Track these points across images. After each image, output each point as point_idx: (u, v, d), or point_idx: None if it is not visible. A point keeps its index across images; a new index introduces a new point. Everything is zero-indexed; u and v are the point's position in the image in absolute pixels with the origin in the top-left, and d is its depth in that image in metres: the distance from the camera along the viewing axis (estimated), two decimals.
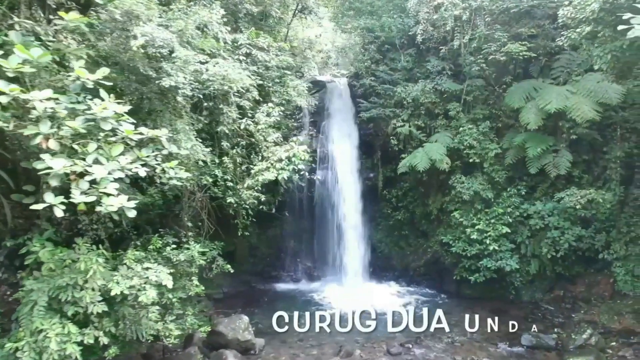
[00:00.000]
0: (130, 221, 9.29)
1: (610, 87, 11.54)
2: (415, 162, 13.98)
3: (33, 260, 6.39)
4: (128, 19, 6.39)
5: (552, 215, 13.05)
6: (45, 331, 5.78)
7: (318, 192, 17.23)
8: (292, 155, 9.20)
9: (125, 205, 5.31)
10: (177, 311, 8.47)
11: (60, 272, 6.25)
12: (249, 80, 8.66)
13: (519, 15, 12.92)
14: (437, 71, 15.13)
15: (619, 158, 12.40)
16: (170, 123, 7.39)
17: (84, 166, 5.03)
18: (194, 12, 8.14)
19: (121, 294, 6.74)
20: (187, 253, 8.30)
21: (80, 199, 4.86)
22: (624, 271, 11.96)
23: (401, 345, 11.45)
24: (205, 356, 10.51)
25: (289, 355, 11.07)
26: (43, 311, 5.88)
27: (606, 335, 11.10)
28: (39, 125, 4.93)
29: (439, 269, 16.08)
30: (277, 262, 17.55)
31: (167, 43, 6.96)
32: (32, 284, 6.00)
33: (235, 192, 9.89)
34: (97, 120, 5.35)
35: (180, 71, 7.18)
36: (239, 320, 11.04)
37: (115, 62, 7.56)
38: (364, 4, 17.42)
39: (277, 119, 9.66)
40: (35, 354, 5.76)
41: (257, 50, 10.19)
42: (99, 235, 7.59)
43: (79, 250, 6.69)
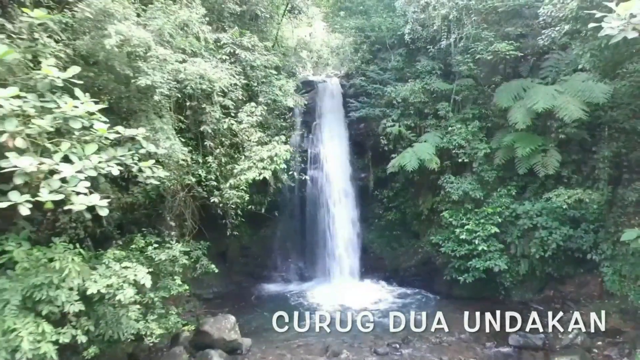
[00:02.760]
0: (115, 220, 9.32)
1: (596, 87, 11.53)
2: (404, 162, 13.97)
3: (7, 259, 6.37)
4: (102, 17, 6.38)
5: (540, 215, 13.01)
6: (18, 330, 5.76)
7: (309, 192, 17.22)
8: (275, 155, 9.18)
9: (97, 204, 5.30)
10: (159, 310, 8.45)
11: (35, 271, 6.24)
12: (229, 79, 8.64)
13: (508, 15, 12.92)
14: (427, 71, 15.13)
15: (608, 158, 12.36)
16: (149, 122, 7.38)
17: (52, 164, 5.01)
18: (174, 11, 8.13)
19: (98, 293, 6.73)
20: (168, 252, 8.30)
21: (48, 197, 4.84)
22: (612, 271, 11.91)
23: (388, 345, 11.43)
24: (191, 356, 10.50)
25: (276, 355, 11.04)
26: (16, 310, 5.87)
27: (593, 336, 11.06)
28: (4, 123, 4.91)
29: (430, 269, 16.04)
30: (268, 263, 17.53)
31: (143, 42, 6.95)
32: (4, 283, 5.97)
33: (220, 192, 9.88)
34: (67, 119, 5.33)
35: (158, 70, 7.17)
36: (225, 320, 11.02)
37: (95, 62, 7.57)
38: (354, 3, 17.45)
39: (259, 119, 9.64)
40: (7, 353, 5.74)
41: (241, 49, 10.18)
42: (78, 234, 7.57)
43: (56, 249, 6.67)
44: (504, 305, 14.02)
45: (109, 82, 7.47)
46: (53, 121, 5.26)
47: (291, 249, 17.77)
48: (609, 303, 12.01)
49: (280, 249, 17.72)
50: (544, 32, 10.59)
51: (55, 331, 6.24)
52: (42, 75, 5.38)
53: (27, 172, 4.80)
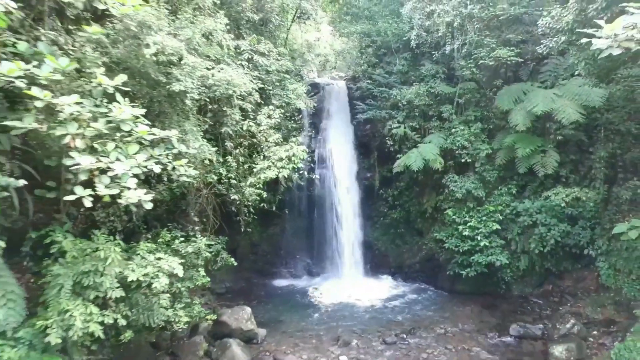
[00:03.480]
0: (140, 216, 9.95)
1: (593, 91, 12.18)
2: (409, 162, 14.61)
3: (57, 249, 7.00)
4: (141, 29, 7.00)
5: (540, 213, 13.65)
6: (71, 311, 6.39)
7: (317, 191, 17.84)
8: (292, 155, 9.82)
9: (143, 198, 5.93)
10: (185, 300, 9.07)
11: (82, 260, 6.87)
12: (251, 84, 9.27)
13: (509, 22, 13.56)
14: (431, 75, 15.78)
15: (603, 158, 13.01)
16: (179, 124, 8.01)
17: (108, 163, 5.64)
18: (200, 21, 8.77)
19: (136, 281, 7.36)
20: (194, 245, 8.91)
21: (105, 191, 5.47)
22: (607, 265, 12.53)
23: (396, 336, 12.05)
24: (210, 345, 11.11)
25: (290, 344, 11.66)
26: (69, 294, 6.50)
27: (589, 326, 11.73)
28: (67, 126, 5.54)
29: (433, 265, 16.68)
30: (276, 259, 18.15)
31: (177, 51, 7.58)
32: (58, 269, 6.61)
33: (239, 190, 10.50)
34: (117, 122, 5.96)
35: (188, 76, 7.80)
36: (242, 311, 11.66)
37: (126, 68, 8.18)
38: (360, 9, 18.08)
39: (277, 121, 10.27)
40: (63, 331, 6.38)
41: (258, 55, 10.81)
42: (115, 227, 8.19)
43: (98, 240, 7.30)
44: (505, 299, 14.73)
45: (142, 87, 8.08)
46: (106, 124, 5.88)
47: (299, 246, 18.38)
48: (605, 296, 12.66)
49: (288, 246, 18.33)
50: (542, 42, 11.24)
51: (100, 313, 6.86)
52: (95, 83, 6.00)
53: (86, 169, 5.42)
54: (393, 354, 11.16)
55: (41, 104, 5.28)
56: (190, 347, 10.78)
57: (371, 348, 11.47)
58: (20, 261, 7.89)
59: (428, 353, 11.18)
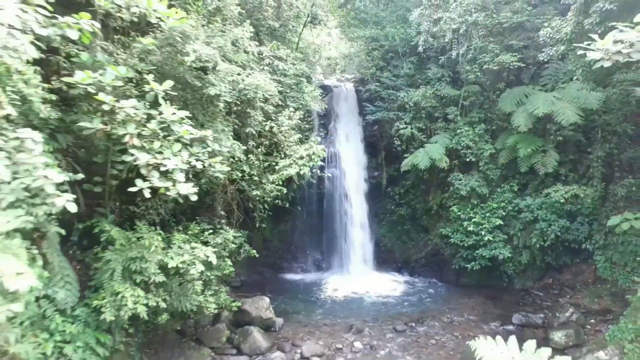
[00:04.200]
0: (169, 210, 10.69)
1: (590, 95, 12.95)
2: (417, 162, 15.37)
3: (106, 238, 7.73)
4: (182, 38, 7.73)
5: (540, 209, 14.41)
6: (122, 293, 7.13)
7: (326, 189, 18.57)
8: (312, 153, 10.56)
9: (190, 191, 6.67)
10: (214, 287, 9.80)
11: (129, 247, 7.60)
12: (275, 88, 10.02)
13: (511, 29, 14.32)
14: (437, 78, 16.53)
15: (601, 158, 13.78)
16: (212, 125, 8.74)
17: (161, 159, 6.38)
18: (229, 30, 9.50)
19: (175, 268, 8.08)
20: (222, 236, 9.64)
21: (161, 184, 6.21)
22: (604, 259, 13.29)
23: (405, 324, 12.79)
24: (232, 332, 11.84)
25: (305, 332, 12.39)
26: (119, 277, 7.23)
27: (587, 315, 12.49)
28: (127, 126, 6.28)
29: (438, 260, 17.43)
30: (287, 255, 18.89)
31: (212, 58, 8.32)
32: (110, 256, 7.34)
33: (259, 186, 11.24)
34: (168, 123, 6.69)
35: (221, 81, 8.53)
36: (261, 301, 12.39)
37: (162, 73, 8.92)
38: (369, 14, 18.84)
39: (298, 122, 11.00)
40: (115, 310, 7.12)
41: (277, 60, 11.55)
42: (153, 219, 8.92)
43: (140, 230, 8.04)
44: (507, 291, 15.49)
45: (177, 90, 8.82)
46: (158, 125, 6.62)
47: (308, 242, 19.12)
48: (601, 287, 13.42)
49: (298, 242, 19.07)
50: (544, 50, 12.01)
51: (145, 296, 7.59)
52: (148, 88, 6.74)
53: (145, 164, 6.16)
54: (404, 340, 11.90)
55: (108, 107, 6.02)
56: (214, 334, 11.51)
57: (383, 335, 12.21)
58: (67, 250, 8.62)
59: (436, 339, 11.92)
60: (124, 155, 6.38)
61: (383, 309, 14.36)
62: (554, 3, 14.03)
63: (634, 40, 5.59)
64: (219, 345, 11.31)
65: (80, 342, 7.33)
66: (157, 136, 7.16)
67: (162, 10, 6.86)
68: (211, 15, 9.38)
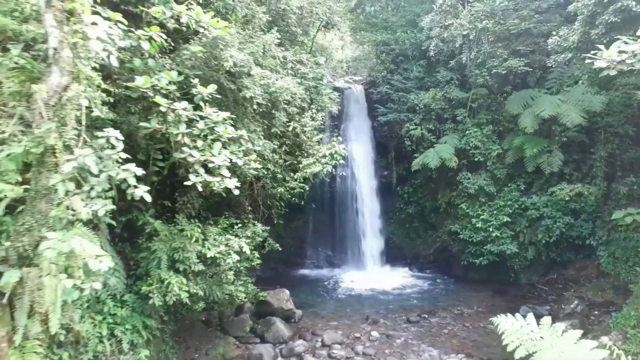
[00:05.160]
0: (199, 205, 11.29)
1: (594, 98, 13.62)
2: (427, 161, 16.02)
3: (150, 229, 8.35)
4: (223, 45, 8.37)
5: (546, 207, 15.08)
6: (168, 280, 7.76)
7: (338, 187, 19.22)
8: (334, 152, 11.20)
9: (233, 186, 7.30)
10: (243, 278, 10.42)
11: (172, 238, 8.23)
12: (303, 91, 10.66)
13: (518, 34, 15.00)
14: (446, 81, 17.20)
15: (603, 157, 14.44)
16: (245, 126, 9.37)
17: (209, 156, 7.01)
18: (258, 36, 10.14)
19: (212, 258, 8.71)
20: (251, 230, 10.26)
21: (210, 178, 6.84)
22: (607, 254, 13.94)
23: (418, 315, 13.44)
24: (255, 322, 12.48)
25: (324, 322, 13.03)
26: (166, 266, 7.86)
27: (590, 307, 13.14)
28: (179, 126, 6.91)
29: (446, 256, 18.09)
30: (300, 251, 19.51)
31: (246, 63, 8.95)
32: (156, 246, 7.97)
33: (281, 184, 11.86)
34: (213, 124, 7.33)
35: (254, 85, 9.17)
36: (282, 293, 13.05)
37: (198, 76, 9.55)
38: (379, 19, 19.49)
39: (321, 123, 11.64)
40: (162, 296, 7.74)
41: (300, 65, 12.19)
42: (190, 213, 9.54)
43: (181, 223, 8.67)
44: (514, 286, 16.14)
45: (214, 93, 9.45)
46: (205, 125, 7.25)
47: (320, 239, 19.76)
48: (604, 281, 14.09)
49: (310, 239, 19.71)
50: (551, 56, 12.69)
51: (186, 284, 8.22)
52: (195, 92, 7.37)
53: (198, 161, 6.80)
54: (418, 330, 12.54)
55: (164, 109, 6.65)
56: (238, 324, 12.15)
57: (398, 325, 12.85)
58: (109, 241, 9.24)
59: (449, 329, 12.57)
60: (175, 152, 7.00)
61: (395, 302, 15.00)
62: (560, 10, 14.70)
63: (637, 51, 6.26)
64: (243, 334, 11.96)
65: (128, 325, 7.96)
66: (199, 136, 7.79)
67: (207, 20, 7.48)
68: (243, 24, 10.02)
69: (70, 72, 4.92)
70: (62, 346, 7.01)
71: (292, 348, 11.11)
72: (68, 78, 4.91)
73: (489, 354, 11.17)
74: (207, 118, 7.30)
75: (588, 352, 4.45)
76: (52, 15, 4.63)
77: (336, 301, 15.24)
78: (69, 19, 4.88)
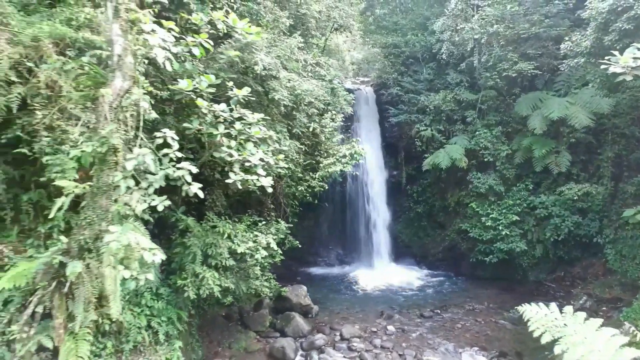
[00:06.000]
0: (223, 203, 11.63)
1: (602, 100, 14.03)
2: (438, 161, 16.42)
3: (183, 226, 8.72)
4: (255, 49, 8.73)
5: (554, 206, 15.49)
6: (202, 274, 8.12)
7: (349, 187, 19.61)
8: (354, 152, 11.58)
9: (266, 184, 7.67)
10: (267, 274, 10.79)
11: (205, 234, 8.59)
12: (326, 93, 11.03)
13: (527, 38, 15.40)
14: (455, 83, 17.61)
15: (610, 158, 14.87)
16: (272, 126, 9.73)
17: (246, 155, 7.38)
18: (282, 40, 10.51)
19: (241, 253, 9.07)
20: (275, 227, 10.63)
21: (247, 177, 7.20)
22: (614, 252, 14.36)
23: (431, 311, 13.83)
24: (274, 317, 12.85)
25: (340, 317, 13.42)
26: (200, 260, 8.22)
27: (598, 303, 13.56)
28: (218, 127, 7.28)
29: (455, 254, 18.48)
30: (311, 250, 19.86)
31: (274, 66, 9.32)
32: (191, 241, 8.34)
33: (301, 183, 12.23)
34: (249, 124, 7.69)
35: (281, 87, 9.54)
36: (300, 289, 13.43)
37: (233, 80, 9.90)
38: (389, 22, 19.89)
39: (341, 123, 12.01)
40: (196, 289, 8.11)
41: (318, 67, 12.56)
42: (219, 211, 9.90)
43: (212, 220, 9.04)
44: (521, 283, 16.54)
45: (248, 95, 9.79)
46: (242, 126, 7.61)
47: (331, 238, 20.16)
48: (612, 278, 14.49)
49: (321, 237, 20.09)
50: (564, 61, 13.11)
51: (219, 278, 8.59)
52: (231, 94, 7.73)
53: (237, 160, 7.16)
54: (432, 324, 12.93)
55: (206, 111, 7.02)
56: (258, 319, 12.52)
57: (412, 320, 13.24)
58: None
59: (461, 324, 12.96)
60: (214, 152, 7.37)
61: (408, 299, 15.39)
62: (569, 15, 15.12)
63: None
64: (263, 329, 12.34)
65: (164, 317, 8.32)
66: (232, 136, 8.15)
67: (242, 26, 7.85)
68: (271, 28, 10.39)
69: (131, 76, 5.28)
70: (106, 335, 7.39)
71: (313, 341, 11.49)
72: (129, 82, 5.27)
73: (502, 347, 11.57)
74: (242, 119, 7.65)
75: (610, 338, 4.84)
76: (118, 25, 5.00)
77: (349, 298, 15.62)
78: (132, 27, 5.24)
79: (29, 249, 6.63)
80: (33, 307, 5.93)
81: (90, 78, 5.29)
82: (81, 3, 6.44)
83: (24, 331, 5.88)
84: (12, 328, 5.84)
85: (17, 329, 5.83)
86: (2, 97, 5.37)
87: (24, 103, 5.88)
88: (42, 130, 5.88)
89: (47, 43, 5.83)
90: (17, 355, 5.77)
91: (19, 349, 5.83)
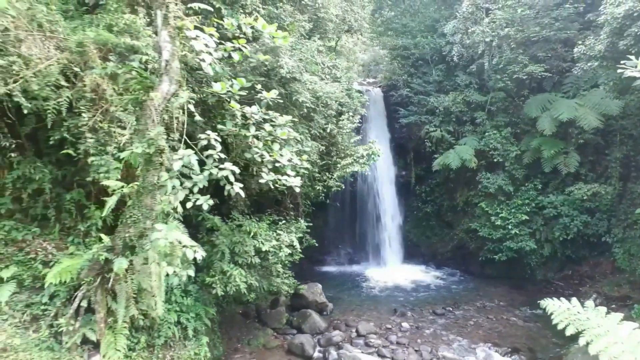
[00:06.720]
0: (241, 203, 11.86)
1: (611, 102, 14.29)
2: (448, 161, 16.69)
3: (210, 225, 8.97)
4: (282, 53, 8.99)
5: (563, 205, 15.76)
6: (229, 272, 8.38)
7: (358, 187, 19.86)
8: (372, 153, 11.85)
9: (295, 184, 7.92)
10: (287, 271, 11.04)
11: (232, 233, 8.84)
12: (346, 96, 11.30)
13: (537, 40, 15.66)
14: (465, 84, 17.87)
15: (618, 159, 15.14)
16: (295, 128, 9.97)
17: (275, 156, 7.63)
18: (303, 43, 10.77)
19: (265, 252, 9.33)
20: (295, 225, 10.88)
21: (278, 177, 7.45)
22: (622, 251, 14.64)
23: (443, 308, 14.11)
24: (290, 315, 13.11)
25: (354, 315, 13.67)
26: (228, 258, 8.48)
27: (607, 301, 13.81)
28: (249, 128, 7.52)
29: (463, 253, 18.74)
30: (321, 249, 20.00)
31: (297, 69, 9.57)
32: (219, 240, 8.59)
33: (317, 182, 12.49)
34: (278, 126, 7.94)
35: (304, 90, 9.79)
36: (315, 287, 13.70)
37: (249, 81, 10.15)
38: (398, 24, 20.14)
39: (358, 125, 12.26)
40: (224, 286, 8.36)
41: (334, 69, 12.81)
42: (243, 210, 10.15)
43: (237, 219, 9.29)
44: (530, 282, 16.81)
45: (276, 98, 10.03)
46: (271, 127, 7.86)
47: (340, 237, 20.39)
48: (620, 277, 14.77)
49: (330, 237, 20.31)
50: (577, 65, 13.39)
51: (245, 275, 8.84)
52: (261, 97, 7.98)
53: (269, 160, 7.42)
54: (445, 321, 13.20)
55: (239, 113, 7.27)
56: (275, 316, 12.78)
57: (425, 317, 13.51)
58: None
59: (474, 321, 13.23)
60: (245, 153, 7.61)
61: (419, 297, 15.66)
62: (578, 18, 15.38)
63: None
64: (280, 326, 12.60)
65: (192, 313, 8.58)
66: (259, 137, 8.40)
67: (270, 31, 8.09)
68: (292, 32, 10.64)
69: (177, 81, 5.53)
70: (139, 330, 7.64)
71: (330, 338, 11.74)
72: (176, 86, 5.52)
73: (514, 343, 11.85)
74: (271, 121, 7.90)
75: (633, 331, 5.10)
76: (167, 32, 5.24)
77: (361, 296, 15.88)
78: (179, 34, 5.49)
79: (70, 246, 6.90)
80: (78, 302, 6.19)
81: (139, 82, 5.53)
82: (120, 10, 6.68)
83: (70, 324, 6.13)
84: (60, 321, 6.09)
85: (64, 322, 6.08)
86: (54, 101, 5.61)
87: (70, 106, 6.13)
88: (87, 132, 6.14)
89: (92, 48, 6.07)
90: (65, 347, 6.03)
91: (65, 340, 6.08)
